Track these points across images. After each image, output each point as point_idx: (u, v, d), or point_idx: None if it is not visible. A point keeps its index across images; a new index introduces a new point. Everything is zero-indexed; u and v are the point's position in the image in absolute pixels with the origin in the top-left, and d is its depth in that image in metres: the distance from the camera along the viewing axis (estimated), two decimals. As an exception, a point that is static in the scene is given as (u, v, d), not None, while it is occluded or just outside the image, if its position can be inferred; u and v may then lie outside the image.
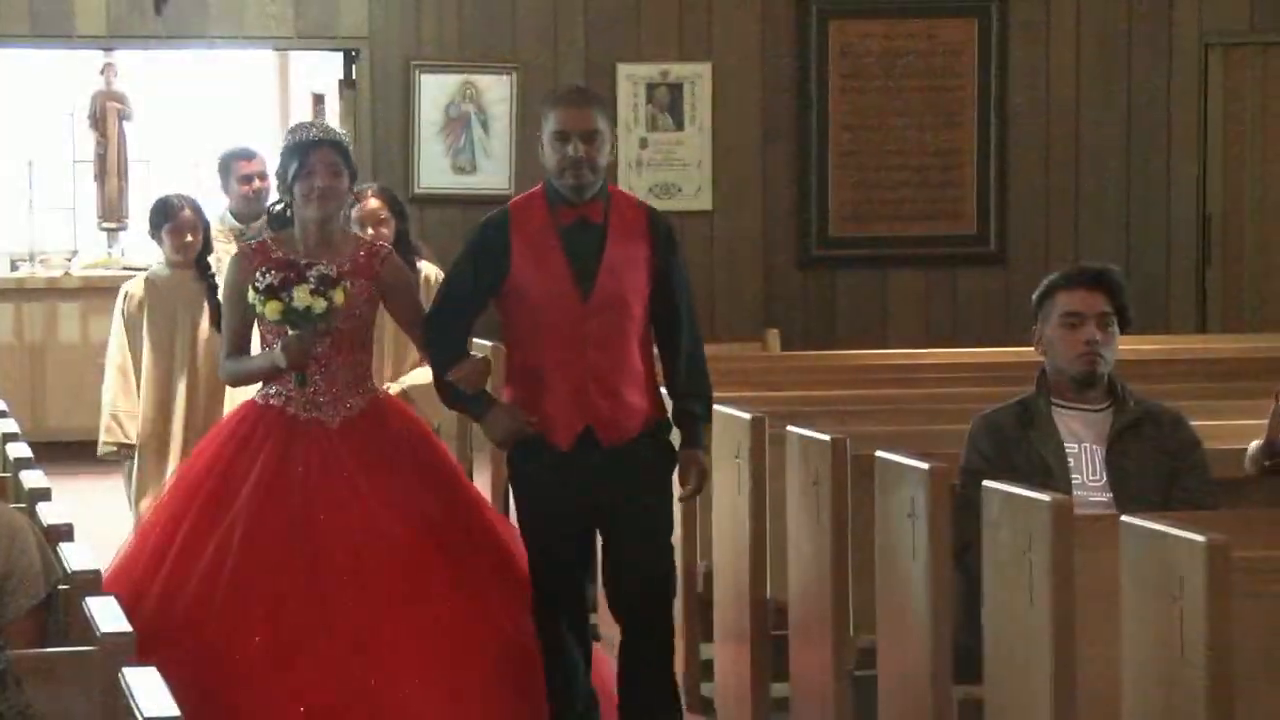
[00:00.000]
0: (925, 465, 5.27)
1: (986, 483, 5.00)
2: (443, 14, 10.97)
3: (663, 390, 5.78)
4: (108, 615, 3.99)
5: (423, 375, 6.41)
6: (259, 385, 5.89)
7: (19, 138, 14.03)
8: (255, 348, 5.96)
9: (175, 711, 3.37)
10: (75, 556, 4.60)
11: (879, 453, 5.54)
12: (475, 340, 6.97)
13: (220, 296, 7.26)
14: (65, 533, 4.87)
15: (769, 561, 6.30)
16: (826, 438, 5.80)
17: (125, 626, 3.92)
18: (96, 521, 7.22)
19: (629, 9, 11.10)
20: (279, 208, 5.99)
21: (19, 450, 6.01)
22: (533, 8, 11.04)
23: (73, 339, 12.60)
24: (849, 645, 5.77)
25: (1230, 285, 11.48)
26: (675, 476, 5.73)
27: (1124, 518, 4.46)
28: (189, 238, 7.62)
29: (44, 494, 5.38)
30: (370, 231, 6.89)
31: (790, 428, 6.00)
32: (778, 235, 11.37)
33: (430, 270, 7.28)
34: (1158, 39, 11.38)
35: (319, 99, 11.55)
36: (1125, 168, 11.45)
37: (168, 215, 7.64)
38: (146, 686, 3.51)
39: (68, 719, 3.70)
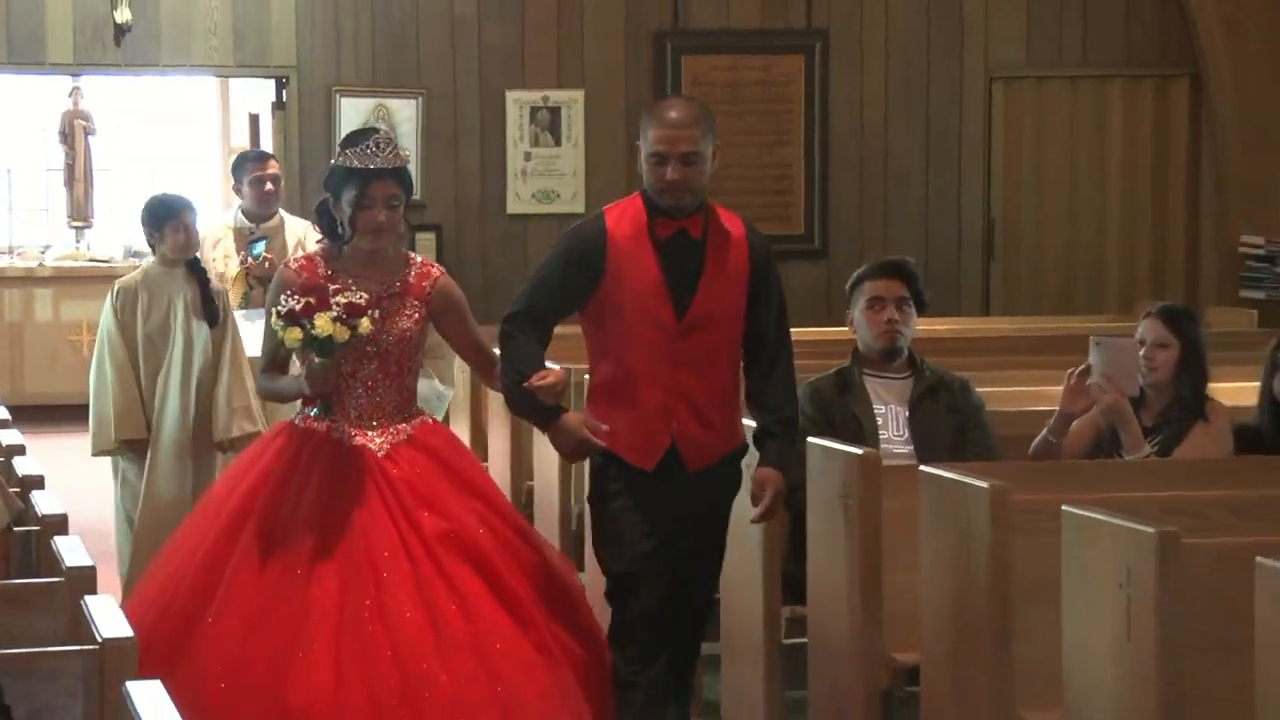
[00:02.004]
0: (760, 424, 5.27)
1: (810, 439, 5.02)
2: (359, 47, 10.89)
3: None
4: (73, 552, 3.92)
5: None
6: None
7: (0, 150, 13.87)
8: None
9: (130, 633, 3.32)
10: (45, 503, 4.52)
11: (722, 414, 5.53)
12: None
13: (212, 290, 6.45)
14: (37, 482, 4.79)
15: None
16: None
17: (88, 561, 3.85)
18: (64, 473, 7.13)
19: (516, 45, 11.05)
20: (328, 219, 4.75)
21: (-2, 413, 5.93)
22: (435, 43, 10.98)
23: (46, 320, 12.46)
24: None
25: (1010, 276, 11.57)
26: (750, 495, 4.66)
27: (923, 467, 4.49)
28: (191, 234, 6.41)
29: (19, 449, 5.30)
30: None
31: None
32: (639, 234, 11.31)
33: None
34: (951, 73, 11.46)
35: (255, 119, 11.40)
36: (925, 180, 11.51)
37: (173, 212, 6.39)
38: (105, 612, 3.45)
39: (38, 639, 3.63)
